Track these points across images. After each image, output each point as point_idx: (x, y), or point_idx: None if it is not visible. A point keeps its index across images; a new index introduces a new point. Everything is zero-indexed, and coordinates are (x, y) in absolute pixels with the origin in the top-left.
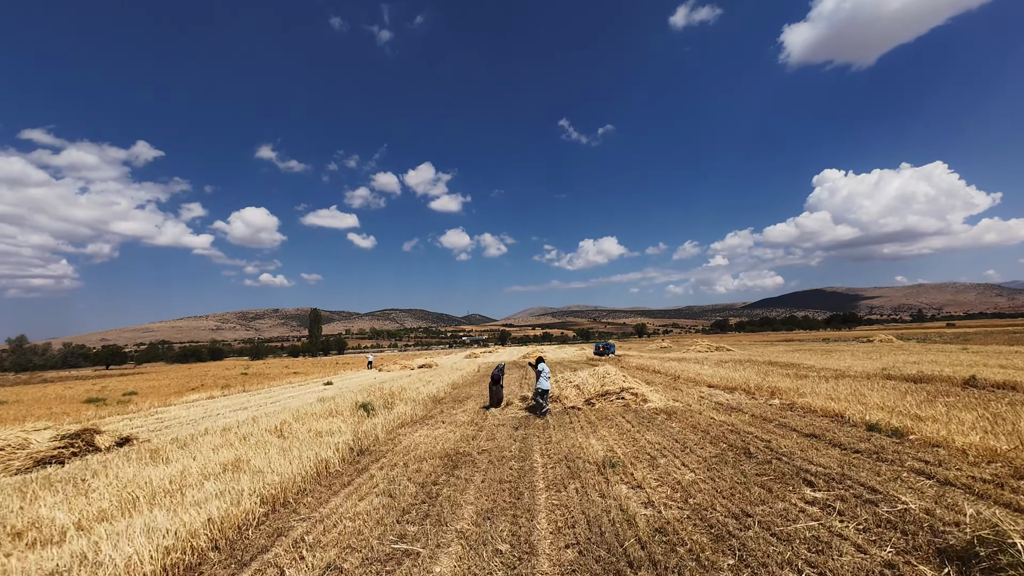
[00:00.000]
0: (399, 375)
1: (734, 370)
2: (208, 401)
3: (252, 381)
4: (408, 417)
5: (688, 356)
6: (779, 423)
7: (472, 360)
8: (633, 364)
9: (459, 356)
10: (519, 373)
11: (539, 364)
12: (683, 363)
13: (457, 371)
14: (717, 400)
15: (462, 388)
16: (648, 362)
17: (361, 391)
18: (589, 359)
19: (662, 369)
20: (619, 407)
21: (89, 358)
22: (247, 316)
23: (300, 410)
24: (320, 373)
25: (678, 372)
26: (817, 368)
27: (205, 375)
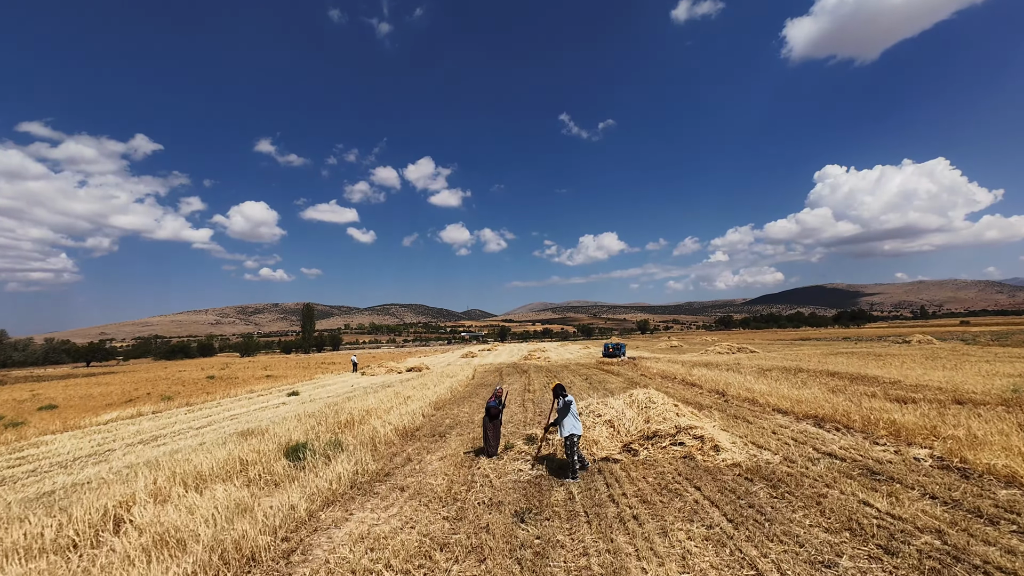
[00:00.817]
0: (380, 381)
1: (793, 384)
2: (123, 424)
3: (214, 388)
4: (352, 475)
5: (712, 359)
6: (996, 517)
7: (468, 361)
8: (654, 370)
9: (455, 355)
10: (520, 383)
11: (562, 396)
12: (714, 370)
13: (448, 378)
14: (823, 446)
15: (448, 408)
16: (670, 367)
17: (314, 414)
18: (599, 362)
19: (695, 379)
20: (677, 458)
21: (71, 354)
22: (246, 310)
23: (199, 467)
24: (295, 377)
25: (720, 384)
26: (905, 384)
27: (165, 379)
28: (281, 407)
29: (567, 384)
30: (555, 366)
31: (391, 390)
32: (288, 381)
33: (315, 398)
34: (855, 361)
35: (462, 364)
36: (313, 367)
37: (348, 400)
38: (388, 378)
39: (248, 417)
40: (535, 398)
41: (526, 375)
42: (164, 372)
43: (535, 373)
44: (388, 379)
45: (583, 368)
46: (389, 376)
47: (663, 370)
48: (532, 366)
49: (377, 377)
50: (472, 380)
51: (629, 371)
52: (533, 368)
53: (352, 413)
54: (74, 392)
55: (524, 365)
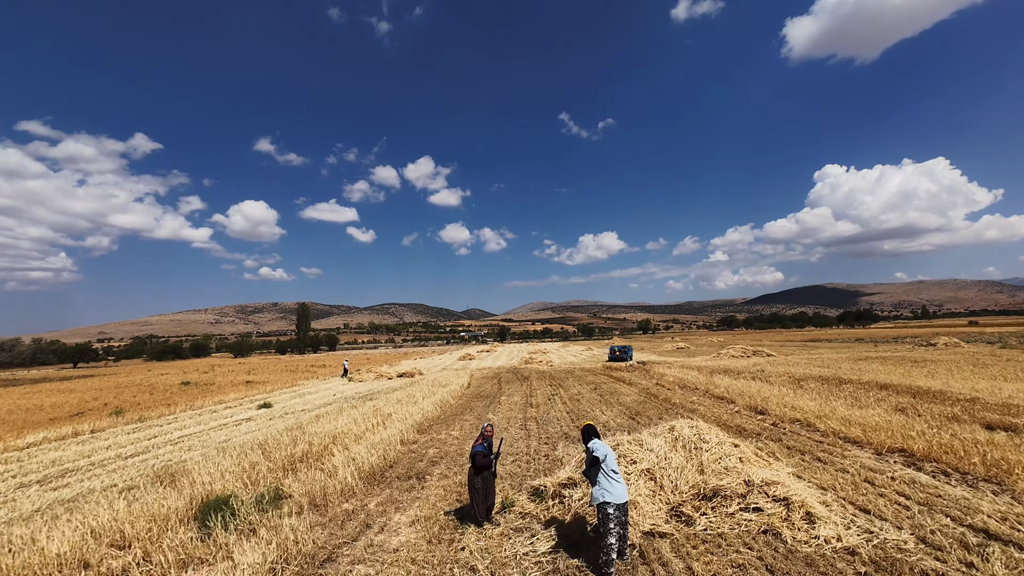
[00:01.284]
0: (366, 390)
1: (845, 400)
2: (45, 449)
3: (182, 397)
4: (272, 566)
5: (730, 364)
6: None
7: (465, 365)
8: (670, 378)
9: (452, 357)
10: (521, 394)
11: (593, 444)
12: (739, 379)
13: (440, 388)
14: (962, 513)
15: (435, 431)
16: (686, 374)
17: (268, 441)
18: (606, 367)
19: (722, 391)
20: (753, 533)
21: (60, 355)
22: (246, 310)
23: (45, 550)
24: (277, 383)
25: (756, 399)
26: (988, 402)
27: (137, 385)
28: (243, 424)
29: (574, 396)
30: (558, 371)
31: (372, 404)
32: (267, 388)
33: (287, 411)
34: (895, 368)
35: (458, 369)
36: (301, 371)
37: (318, 419)
38: (376, 385)
39: (198, 439)
40: (539, 415)
41: (527, 383)
42: (141, 377)
43: (537, 381)
44: (375, 387)
45: (589, 374)
46: (377, 383)
47: (680, 378)
48: (534, 371)
49: (364, 384)
50: (467, 390)
51: (642, 379)
52: (535, 374)
53: (313, 440)
54: (26, 402)
55: (525, 370)
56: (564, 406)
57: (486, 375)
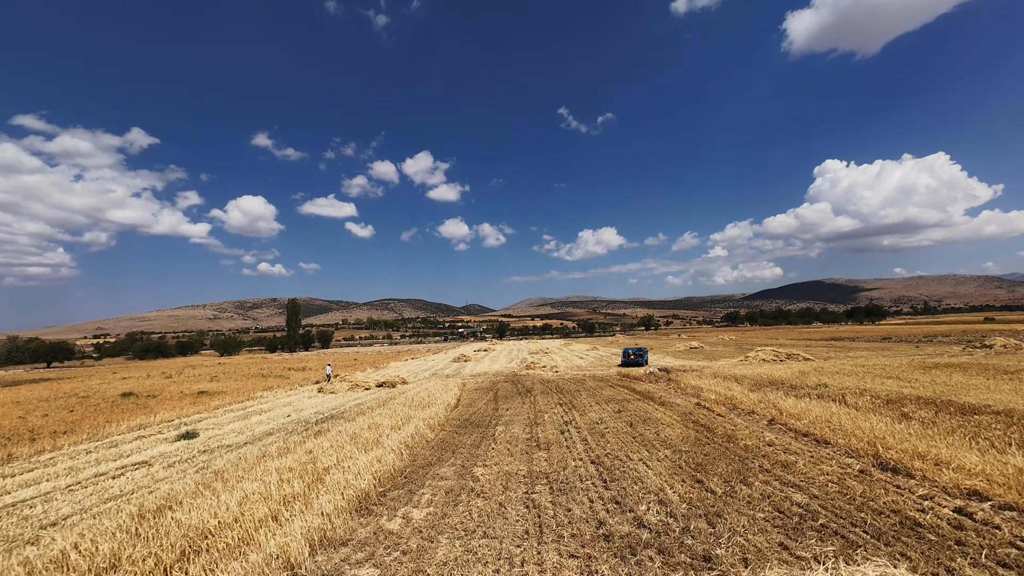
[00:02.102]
0: (329, 408)
1: (1000, 445)
2: None
3: (103, 416)
4: None
5: (774, 373)
6: None
7: (458, 369)
8: (710, 394)
9: (446, 358)
10: (524, 417)
11: None
12: (805, 400)
13: (419, 409)
14: None
15: (382, 514)
16: (730, 389)
17: (136, 515)
18: (621, 374)
19: (801, 423)
20: None
21: (34, 354)
22: (244, 305)
23: None
24: (236, 393)
25: (870, 445)
26: None
27: (73, 395)
28: (123, 477)
29: (595, 426)
30: (566, 380)
31: (317, 444)
32: (216, 403)
33: (208, 447)
34: (991, 382)
35: (449, 375)
36: (274, 376)
37: (223, 479)
38: (346, 400)
39: (29, 513)
40: (552, 470)
41: (530, 399)
42: (92, 383)
43: (543, 396)
44: (345, 402)
45: (604, 386)
46: (351, 396)
47: (726, 396)
48: (537, 380)
49: (335, 397)
50: (452, 412)
51: (675, 395)
52: (538, 384)
53: (184, 540)
54: None
55: (526, 378)
56: (585, 447)
57: (480, 385)
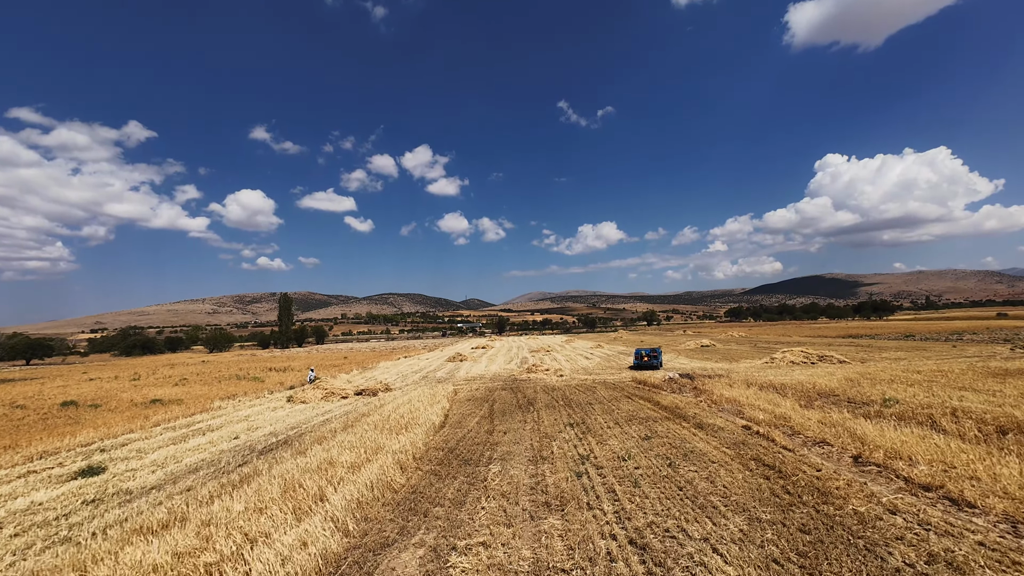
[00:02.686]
0: (291, 427)
1: None
2: None
3: (26, 431)
4: None
5: (819, 382)
6: None
7: (452, 371)
8: (760, 415)
9: (440, 357)
10: (525, 453)
11: None
12: (882, 422)
13: (393, 436)
14: None
15: None
16: (778, 406)
17: None
18: (637, 381)
19: (924, 474)
20: None
21: (12, 351)
22: (244, 300)
23: None
24: (187, 406)
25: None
26: None
27: (9, 403)
28: None
29: (621, 463)
30: (574, 388)
31: (249, 492)
32: (172, 412)
33: (102, 494)
34: None
35: (441, 379)
36: (248, 378)
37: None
38: (315, 413)
39: None
40: (568, 538)
41: (532, 413)
42: (36, 389)
43: (548, 410)
44: (312, 417)
45: (620, 396)
46: (320, 408)
47: (775, 414)
48: (539, 386)
49: (304, 409)
50: (436, 436)
51: (710, 413)
52: (542, 394)
53: None
54: None
55: (527, 383)
56: (615, 508)
57: (474, 394)
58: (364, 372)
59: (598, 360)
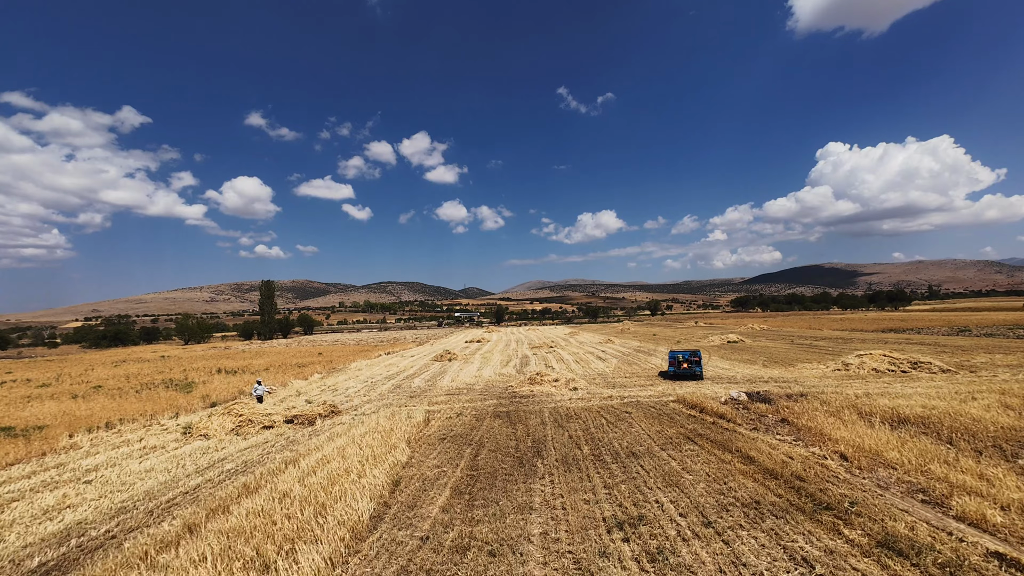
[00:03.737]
0: (165, 478)
1: None
2: None
3: None
4: None
5: (960, 405)
6: None
7: (436, 376)
8: (939, 489)
9: (427, 355)
10: None
11: None
12: None
13: (279, 555)
14: None
15: None
16: (943, 463)
17: None
18: (682, 401)
19: None
20: None
21: None
22: (242, 288)
23: None
24: (40, 441)
25: None
26: None
27: None
28: None
29: None
30: (597, 414)
31: None
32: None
33: None
34: None
35: (416, 392)
36: (178, 387)
37: None
38: (195, 467)
39: None
40: None
41: (542, 477)
42: None
43: (566, 473)
44: (179, 478)
45: (678, 435)
46: (217, 451)
47: (1003, 499)
48: (548, 412)
49: (197, 449)
50: (365, 541)
51: (869, 490)
52: (552, 425)
53: None
54: None
55: (530, 403)
56: None
57: (452, 426)
58: (327, 378)
59: (614, 361)
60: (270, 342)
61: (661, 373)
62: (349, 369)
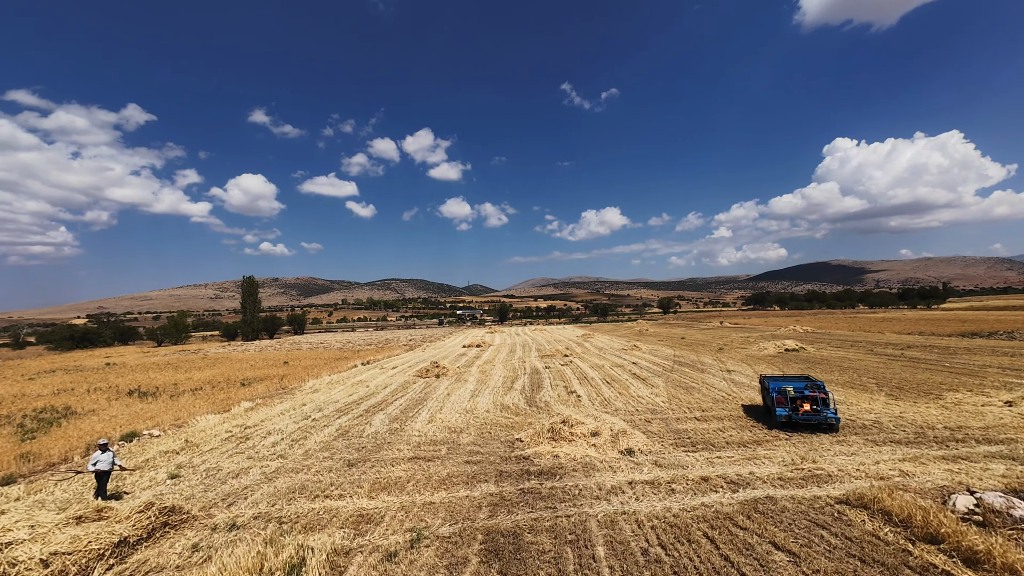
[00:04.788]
0: None
1: None
2: None
3: None
4: None
5: None
6: None
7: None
8: None
9: (412, 365)
10: None
11: None
12: None
13: None
14: None
15: None
16: None
17: None
18: (843, 500)
19: None
20: None
21: None
22: None
23: None
24: None
25: None
26: None
27: None
28: None
29: None
30: (703, 544)
31: None
32: None
33: None
34: None
35: (366, 448)
36: (36, 420)
37: None
38: None
39: None
40: None
41: None
42: None
43: None
44: None
45: None
46: None
47: None
48: (603, 552)
49: None
50: None
51: None
52: None
53: None
54: None
55: (561, 492)
56: None
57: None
58: (257, 409)
59: (660, 384)
60: (252, 343)
61: (748, 408)
62: (302, 390)
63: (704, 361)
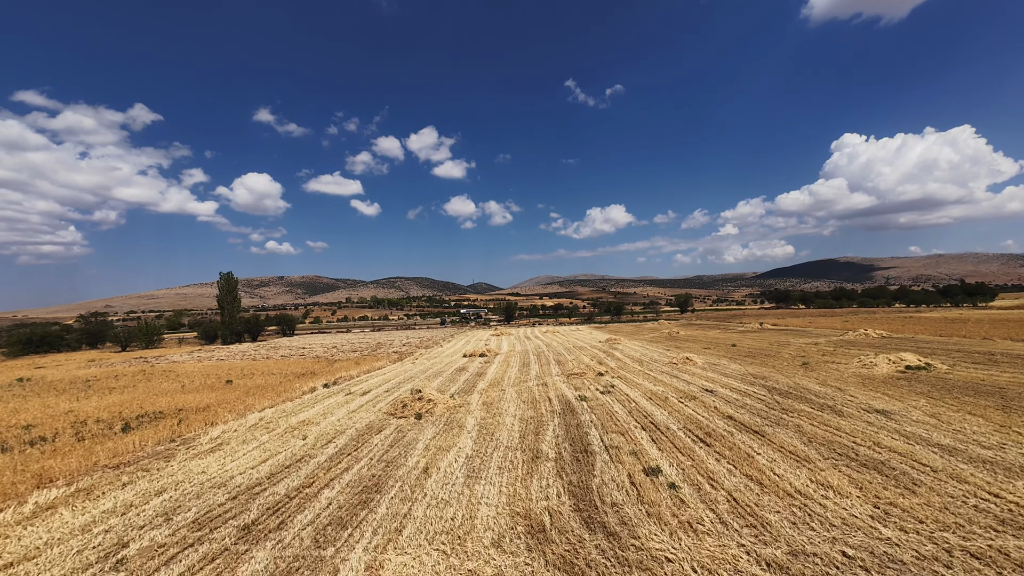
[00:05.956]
0: None
1: None
2: None
3: None
4: None
5: None
6: None
7: (354, 516)
8: None
9: (391, 389)
10: None
11: None
12: None
13: None
14: None
15: None
16: None
17: None
18: None
19: None
20: None
21: None
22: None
23: None
24: None
25: None
26: None
27: None
28: None
29: None
30: None
31: None
32: None
33: None
34: None
35: None
36: None
37: None
38: None
39: None
40: None
41: None
42: None
43: None
44: None
45: None
46: None
47: None
48: None
49: None
50: None
51: None
52: None
53: None
54: None
55: None
56: None
57: None
58: (22, 526)
59: (818, 460)
60: (227, 348)
61: None
62: (195, 446)
63: (809, 388)
